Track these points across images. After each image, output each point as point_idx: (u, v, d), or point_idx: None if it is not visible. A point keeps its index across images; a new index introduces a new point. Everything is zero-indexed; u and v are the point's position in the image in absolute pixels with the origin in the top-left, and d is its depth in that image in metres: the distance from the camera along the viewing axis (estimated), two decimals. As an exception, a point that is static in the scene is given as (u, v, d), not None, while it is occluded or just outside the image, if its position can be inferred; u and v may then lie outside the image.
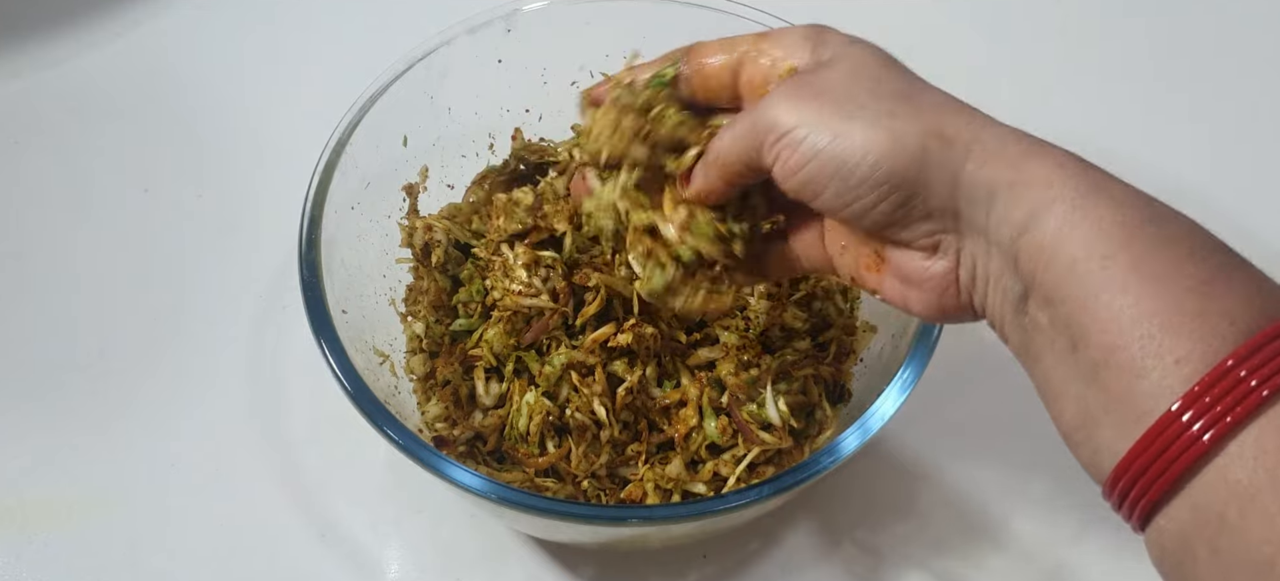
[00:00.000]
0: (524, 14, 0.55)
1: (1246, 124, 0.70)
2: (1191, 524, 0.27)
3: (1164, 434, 0.27)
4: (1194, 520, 0.27)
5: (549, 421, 0.48)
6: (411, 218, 0.53)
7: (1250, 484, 0.26)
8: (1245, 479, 0.26)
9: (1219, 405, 0.26)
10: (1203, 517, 0.27)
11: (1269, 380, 0.26)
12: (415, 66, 0.52)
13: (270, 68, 0.71)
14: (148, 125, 0.68)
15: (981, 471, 0.54)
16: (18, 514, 0.52)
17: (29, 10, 0.73)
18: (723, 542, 0.52)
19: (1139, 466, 0.28)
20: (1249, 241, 0.34)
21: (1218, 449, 0.26)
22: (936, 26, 0.74)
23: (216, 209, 0.64)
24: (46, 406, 0.56)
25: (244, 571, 0.51)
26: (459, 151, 0.56)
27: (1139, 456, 0.27)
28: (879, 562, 0.52)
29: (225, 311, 0.59)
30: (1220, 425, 0.26)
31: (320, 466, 0.54)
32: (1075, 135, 0.68)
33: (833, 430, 0.48)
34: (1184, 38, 0.75)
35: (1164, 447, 0.27)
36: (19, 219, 0.63)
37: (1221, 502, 0.26)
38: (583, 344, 0.48)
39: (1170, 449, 0.27)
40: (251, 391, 0.56)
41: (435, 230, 0.52)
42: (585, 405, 0.47)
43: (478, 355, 0.49)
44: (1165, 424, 0.27)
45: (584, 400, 0.47)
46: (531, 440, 0.48)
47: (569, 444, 0.48)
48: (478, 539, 0.52)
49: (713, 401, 0.48)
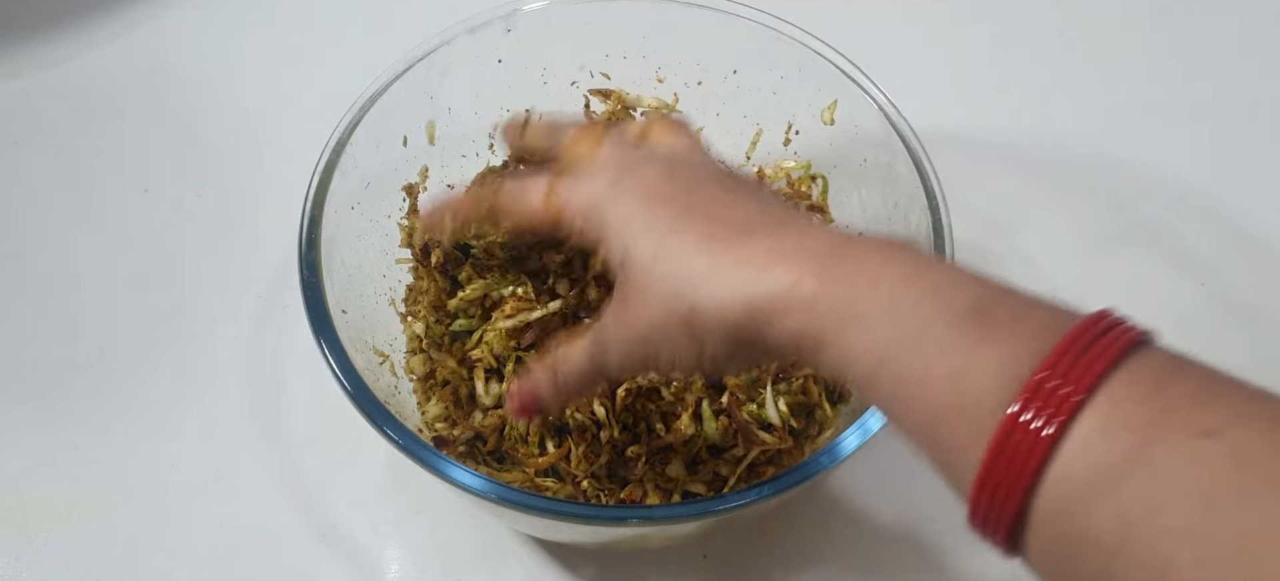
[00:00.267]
0: (524, 14, 0.55)
1: (1246, 124, 0.70)
2: (1054, 523, 0.28)
3: (1015, 429, 0.28)
4: (1056, 519, 0.28)
5: (548, 421, 0.48)
6: (412, 217, 0.53)
7: (1088, 477, 0.27)
8: (1092, 462, 0.27)
9: (1052, 401, 0.28)
10: (1060, 515, 0.28)
11: (1088, 371, 0.28)
12: (415, 66, 0.52)
13: (270, 68, 0.71)
14: (148, 125, 0.68)
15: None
16: (18, 514, 0.52)
17: (29, 10, 0.73)
18: (723, 542, 0.52)
19: (1000, 468, 0.29)
20: (1249, 241, 0.34)
21: (1056, 448, 0.27)
22: (936, 27, 0.74)
23: (216, 209, 0.64)
24: (46, 406, 0.56)
25: (244, 571, 0.51)
26: (459, 151, 0.56)
27: (997, 456, 0.29)
28: (879, 563, 0.52)
29: (225, 311, 0.59)
30: (1058, 418, 0.27)
31: (320, 466, 0.54)
32: (1076, 135, 0.69)
33: (833, 430, 0.48)
34: (1184, 38, 0.75)
35: (1018, 442, 0.28)
36: (19, 219, 0.63)
37: (1071, 498, 0.27)
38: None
39: (1023, 441, 0.28)
40: (251, 391, 0.56)
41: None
42: (585, 406, 0.47)
43: (478, 356, 0.49)
44: (1010, 426, 0.28)
45: (584, 400, 0.47)
46: (531, 440, 0.48)
47: (569, 444, 0.48)
48: (478, 539, 0.52)
49: (712, 402, 0.48)
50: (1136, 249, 0.64)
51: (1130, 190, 0.66)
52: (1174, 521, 0.26)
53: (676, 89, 0.56)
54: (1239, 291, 0.61)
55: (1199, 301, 0.61)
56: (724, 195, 0.38)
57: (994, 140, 0.68)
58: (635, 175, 0.39)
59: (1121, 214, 0.65)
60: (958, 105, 0.69)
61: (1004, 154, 0.67)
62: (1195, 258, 0.63)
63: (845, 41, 0.53)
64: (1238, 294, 0.61)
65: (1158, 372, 0.28)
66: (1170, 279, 0.62)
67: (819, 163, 0.55)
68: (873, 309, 0.32)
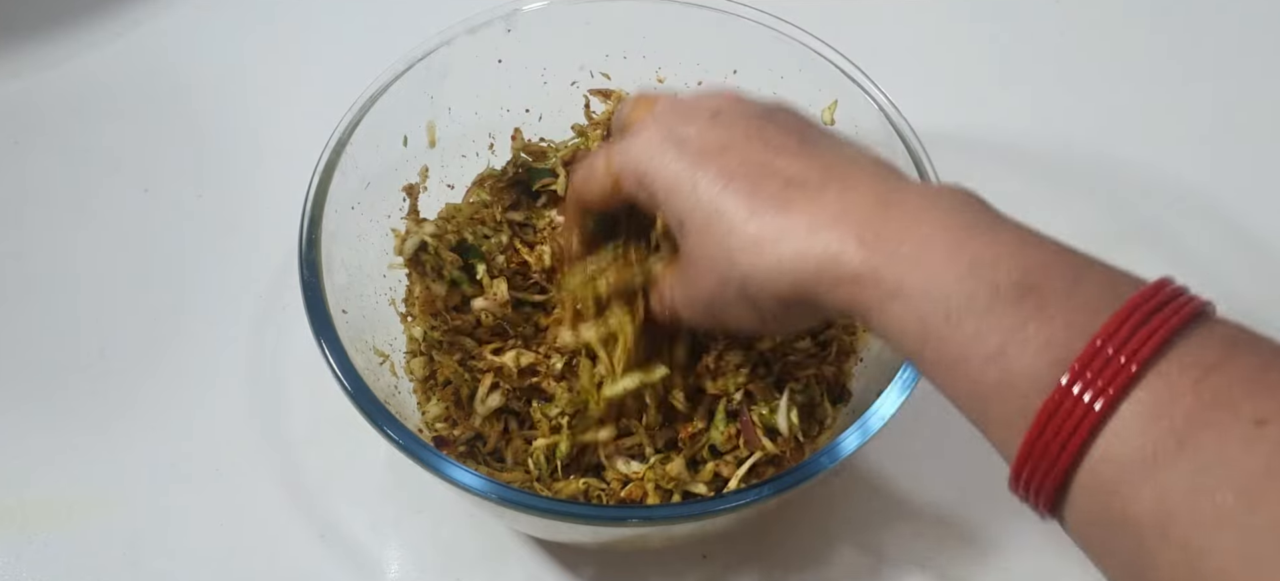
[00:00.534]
0: (524, 14, 0.55)
1: (1246, 124, 0.70)
2: (1096, 499, 0.28)
3: (1060, 408, 0.28)
4: (1098, 495, 0.28)
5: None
6: (410, 218, 0.53)
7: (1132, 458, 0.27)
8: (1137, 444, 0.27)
9: (1100, 379, 0.27)
10: (1103, 492, 0.28)
11: (1135, 355, 0.27)
12: (415, 66, 0.52)
13: (270, 68, 0.71)
14: (148, 125, 0.68)
15: (982, 470, 0.53)
16: (18, 514, 0.52)
17: (29, 10, 0.73)
18: (723, 542, 0.52)
19: (1041, 446, 0.29)
20: (1249, 241, 0.34)
21: (1106, 420, 0.27)
22: (936, 27, 0.75)
23: (216, 209, 0.64)
24: (46, 406, 0.56)
25: (244, 571, 0.51)
26: (459, 151, 0.56)
27: (1039, 435, 0.29)
28: (879, 562, 0.52)
29: (225, 311, 0.59)
30: (1105, 396, 0.27)
31: (320, 466, 0.54)
32: (1076, 135, 0.69)
33: (833, 430, 0.48)
34: (1184, 38, 0.75)
35: (1062, 422, 0.28)
36: (19, 219, 0.63)
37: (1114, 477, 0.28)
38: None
39: (1067, 422, 0.28)
40: (251, 391, 0.56)
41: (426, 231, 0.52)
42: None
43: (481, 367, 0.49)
44: (1058, 398, 0.28)
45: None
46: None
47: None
48: (478, 539, 0.52)
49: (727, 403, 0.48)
50: (1136, 249, 0.63)
51: (1130, 190, 0.66)
52: (1215, 508, 0.25)
53: (676, 89, 0.56)
54: (1239, 291, 0.61)
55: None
56: (770, 146, 0.37)
57: (994, 140, 0.68)
58: (682, 130, 0.39)
59: (1121, 214, 0.65)
60: (958, 105, 0.69)
61: (1004, 154, 0.67)
62: (1195, 258, 0.63)
63: (845, 41, 0.53)
64: (1238, 294, 0.61)
65: (1214, 351, 0.28)
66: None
67: (819, 163, 0.55)
68: (916, 284, 0.32)
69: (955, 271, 0.31)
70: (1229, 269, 0.62)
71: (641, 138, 0.39)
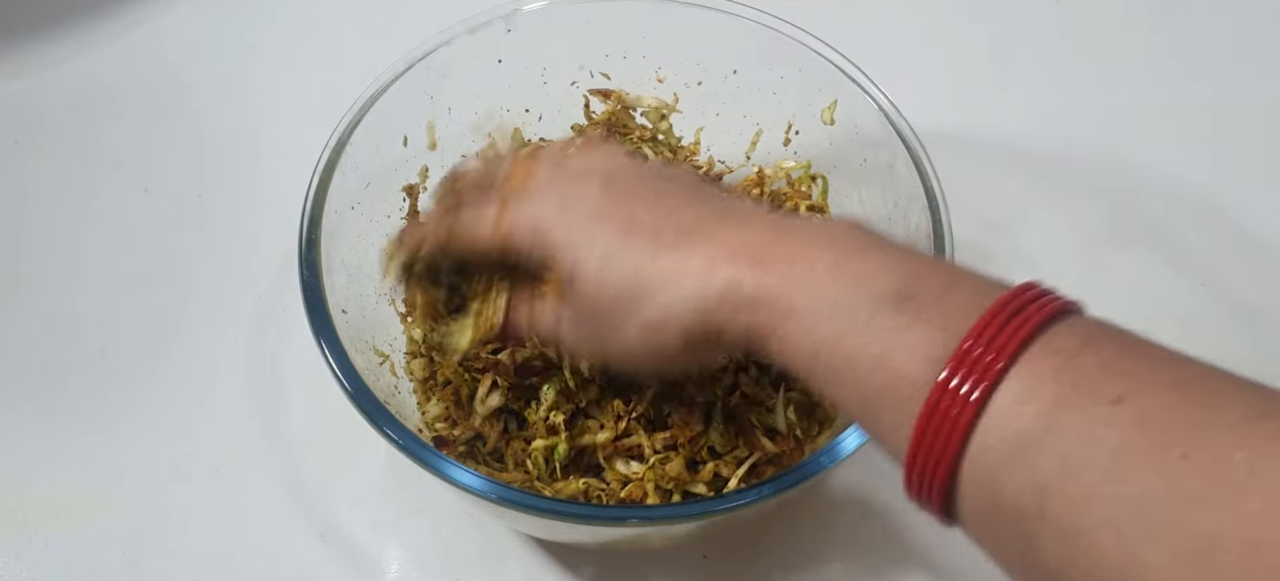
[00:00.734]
0: (524, 14, 0.55)
1: (1246, 124, 0.70)
2: (980, 491, 0.29)
3: (939, 404, 0.29)
4: (982, 487, 0.29)
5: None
6: (410, 218, 0.53)
7: (1007, 445, 0.28)
8: (1011, 430, 0.28)
9: (974, 373, 0.29)
10: (985, 483, 0.29)
11: (1004, 350, 0.29)
12: (415, 66, 0.52)
13: (270, 68, 0.71)
14: (148, 125, 0.68)
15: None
16: (18, 514, 0.52)
17: (29, 10, 0.73)
18: (723, 542, 0.52)
19: (926, 443, 0.30)
20: (1249, 241, 0.34)
21: (981, 411, 0.29)
22: (936, 27, 0.75)
23: (216, 209, 0.64)
24: (46, 406, 0.56)
25: (244, 571, 0.51)
26: (459, 151, 0.56)
27: (923, 431, 0.30)
28: (878, 563, 0.52)
29: (225, 311, 0.59)
30: (980, 387, 0.29)
31: (320, 466, 0.54)
32: (1076, 135, 0.69)
33: (833, 430, 0.48)
34: (1184, 38, 0.75)
35: (943, 416, 0.29)
36: (19, 219, 0.63)
37: (993, 466, 0.29)
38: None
39: (948, 416, 0.29)
40: (251, 391, 0.56)
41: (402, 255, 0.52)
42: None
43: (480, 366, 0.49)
44: (938, 393, 0.29)
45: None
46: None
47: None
48: (478, 539, 0.52)
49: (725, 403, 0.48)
50: (1136, 249, 0.64)
51: (1130, 190, 0.66)
52: (1083, 486, 0.27)
53: (676, 89, 0.56)
54: (1239, 291, 0.61)
55: (1199, 301, 0.61)
56: (663, 200, 0.39)
57: (994, 140, 0.68)
58: (577, 194, 0.40)
59: (1121, 214, 0.65)
60: (958, 105, 0.69)
61: (1004, 154, 0.67)
62: (1195, 258, 0.63)
63: (845, 41, 0.53)
64: (1238, 294, 0.61)
65: (1077, 342, 0.29)
66: (1170, 279, 0.62)
67: (819, 163, 0.55)
68: (805, 302, 0.33)
69: (840, 286, 0.33)
70: (1229, 269, 0.62)
71: (537, 198, 0.41)
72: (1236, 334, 0.60)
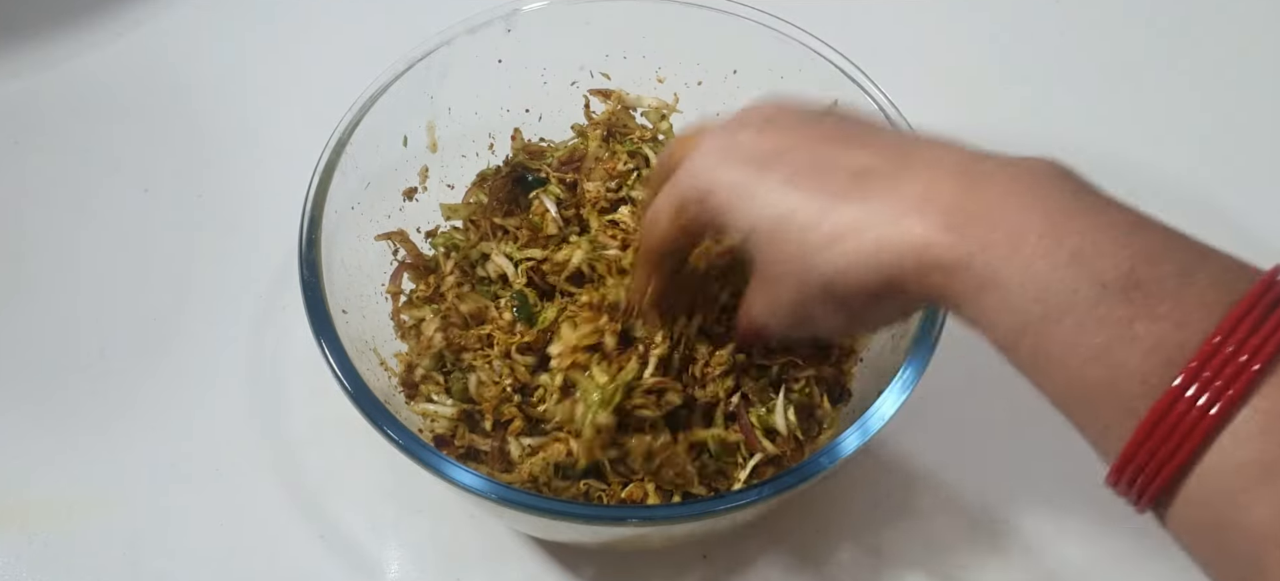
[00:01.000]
0: (524, 14, 0.55)
1: (1246, 124, 0.70)
2: (1209, 506, 0.27)
3: (1171, 411, 0.27)
4: (1211, 502, 0.27)
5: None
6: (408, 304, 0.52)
7: (1250, 466, 0.26)
8: (1257, 449, 0.26)
9: (1218, 380, 0.26)
10: (1217, 499, 0.27)
11: (1257, 354, 0.26)
12: (415, 66, 0.52)
13: (270, 68, 0.71)
14: (148, 125, 0.68)
15: (982, 471, 0.54)
16: (18, 514, 0.52)
17: (29, 10, 0.73)
18: (723, 542, 0.52)
19: (1147, 450, 0.27)
20: (1249, 241, 0.34)
21: (1222, 426, 0.26)
22: (936, 27, 0.74)
23: (216, 209, 0.64)
24: (46, 406, 0.56)
25: (244, 571, 0.51)
26: (459, 151, 0.56)
27: (1146, 438, 0.27)
28: (879, 562, 0.52)
29: (225, 311, 0.59)
30: (1224, 400, 0.26)
31: (320, 466, 0.54)
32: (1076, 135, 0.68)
33: (833, 430, 0.48)
34: (1184, 38, 0.75)
35: (1173, 425, 0.27)
36: (19, 219, 0.63)
37: (1230, 485, 0.26)
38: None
39: (1179, 426, 0.27)
40: (251, 391, 0.56)
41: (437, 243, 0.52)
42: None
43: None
44: (1170, 400, 0.27)
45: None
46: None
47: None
48: (478, 539, 0.52)
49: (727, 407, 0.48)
50: (1136, 249, 0.63)
51: (1130, 190, 0.65)
52: None
53: (676, 89, 0.56)
54: (1239, 291, 0.61)
55: (1199, 301, 0.61)
56: (831, 141, 0.36)
57: (994, 140, 0.67)
58: (736, 139, 0.37)
59: (1121, 214, 0.65)
60: (958, 105, 0.68)
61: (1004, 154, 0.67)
62: (1195, 258, 0.63)
63: (845, 41, 0.53)
64: (1238, 294, 0.61)
65: None
66: (1170, 279, 0.62)
67: (819, 163, 0.55)
68: (1011, 275, 0.30)
69: (1054, 263, 0.29)
70: (1229, 269, 0.62)
71: (697, 157, 0.38)
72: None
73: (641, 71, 0.56)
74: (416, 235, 0.54)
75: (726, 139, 0.37)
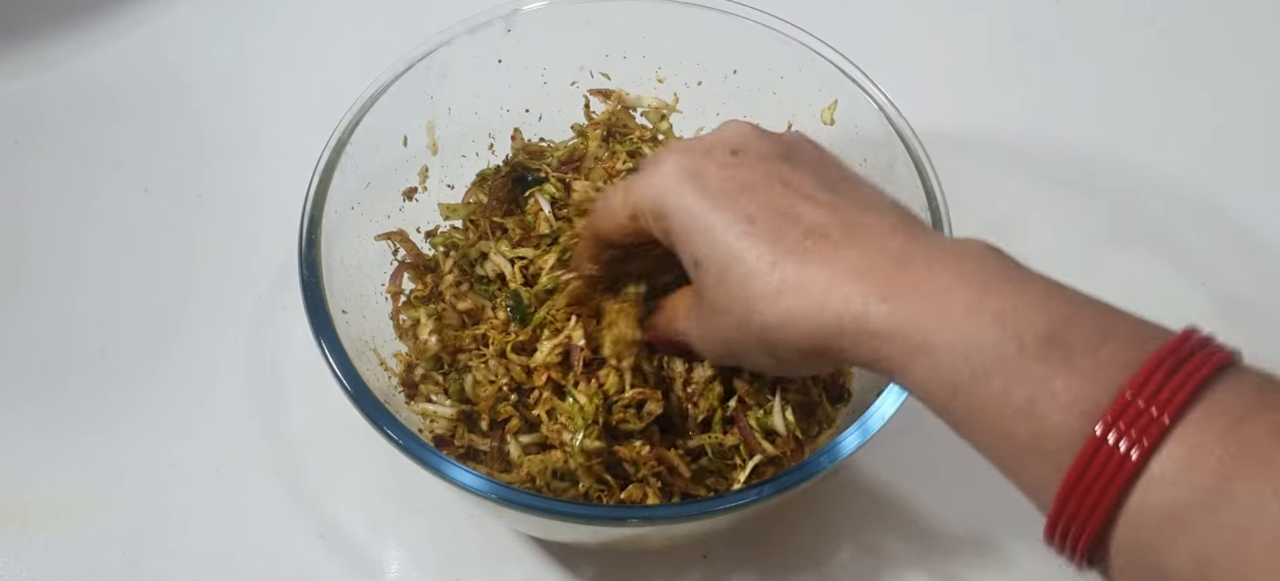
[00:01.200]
0: (524, 14, 0.55)
1: (1246, 124, 0.70)
2: (1133, 552, 0.28)
3: (1093, 461, 0.28)
4: (1135, 548, 0.28)
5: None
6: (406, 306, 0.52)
7: (1168, 509, 0.27)
8: (1172, 497, 0.27)
9: (1133, 430, 0.27)
10: (1139, 545, 0.28)
11: (1167, 405, 0.27)
12: (415, 66, 0.52)
13: (270, 68, 0.71)
14: (148, 125, 0.68)
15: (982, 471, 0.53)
16: (18, 514, 0.52)
17: (29, 10, 0.73)
18: (723, 542, 0.52)
19: (1074, 499, 0.29)
20: (1249, 241, 0.34)
21: (1139, 473, 0.27)
22: (936, 27, 0.75)
23: (216, 209, 0.64)
24: (46, 406, 0.56)
25: (244, 571, 0.51)
26: (459, 151, 0.56)
27: (1073, 487, 0.28)
28: (879, 563, 0.52)
29: (225, 311, 0.59)
30: (1140, 446, 0.27)
31: (320, 466, 0.54)
32: (1076, 135, 0.69)
33: (833, 430, 0.48)
34: (1184, 38, 0.75)
35: (1096, 475, 0.28)
36: (19, 219, 0.63)
37: (1150, 529, 0.27)
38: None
39: (1101, 475, 0.28)
40: (251, 391, 0.56)
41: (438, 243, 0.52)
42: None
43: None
44: (1093, 448, 0.28)
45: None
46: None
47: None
48: (478, 539, 0.52)
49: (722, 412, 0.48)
50: (1136, 249, 0.64)
51: (1130, 190, 0.66)
52: (1250, 560, 0.25)
53: (676, 89, 0.56)
54: (1239, 291, 0.61)
55: (1199, 301, 0.61)
56: (791, 189, 0.37)
57: (994, 140, 0.68)
58: (700, 165, 0.38)
59: (1121, 214, 0.65)
60: (958, 105, 0.69)
61: (1004, 154, 0.67)
62: (1195, 258, 0.63)
63: (845, 41, 0.53)
64: (1237, 294, 0.61)
65: (1245, 401, 0.27)
66: (1170, 279, 0.62)
67: (819, 163, 0.55)
68: (941, 339, 0.31)
69: (980, 324, 0.31)
70: (1229, 269, 0.62)
71: (659, 171, 0.38)
72: (1236, 334, 0.59)
73: (641, 71, 0.56)
74: (416, 235, 0.54)
75: (692, 163, 0.38)
